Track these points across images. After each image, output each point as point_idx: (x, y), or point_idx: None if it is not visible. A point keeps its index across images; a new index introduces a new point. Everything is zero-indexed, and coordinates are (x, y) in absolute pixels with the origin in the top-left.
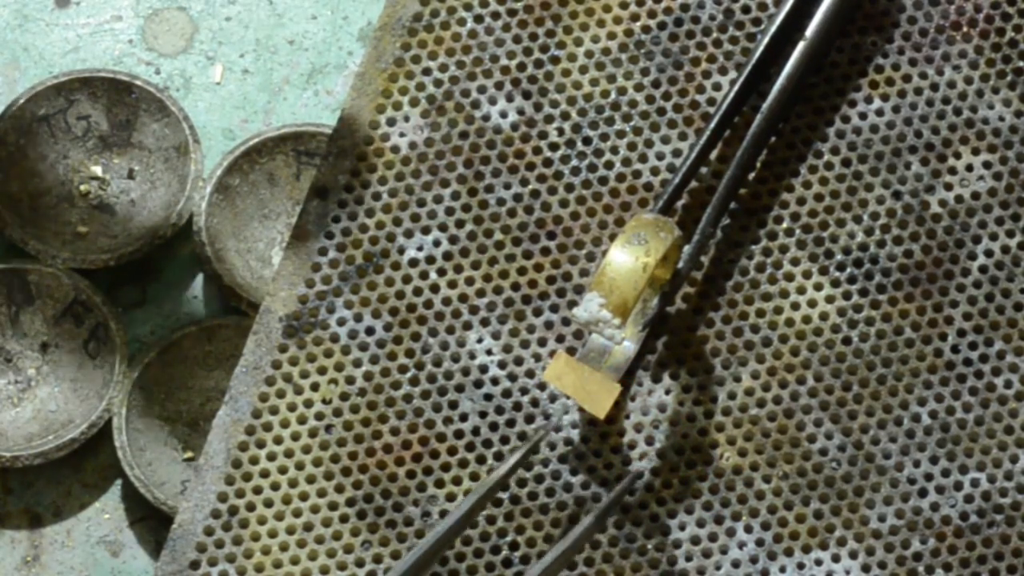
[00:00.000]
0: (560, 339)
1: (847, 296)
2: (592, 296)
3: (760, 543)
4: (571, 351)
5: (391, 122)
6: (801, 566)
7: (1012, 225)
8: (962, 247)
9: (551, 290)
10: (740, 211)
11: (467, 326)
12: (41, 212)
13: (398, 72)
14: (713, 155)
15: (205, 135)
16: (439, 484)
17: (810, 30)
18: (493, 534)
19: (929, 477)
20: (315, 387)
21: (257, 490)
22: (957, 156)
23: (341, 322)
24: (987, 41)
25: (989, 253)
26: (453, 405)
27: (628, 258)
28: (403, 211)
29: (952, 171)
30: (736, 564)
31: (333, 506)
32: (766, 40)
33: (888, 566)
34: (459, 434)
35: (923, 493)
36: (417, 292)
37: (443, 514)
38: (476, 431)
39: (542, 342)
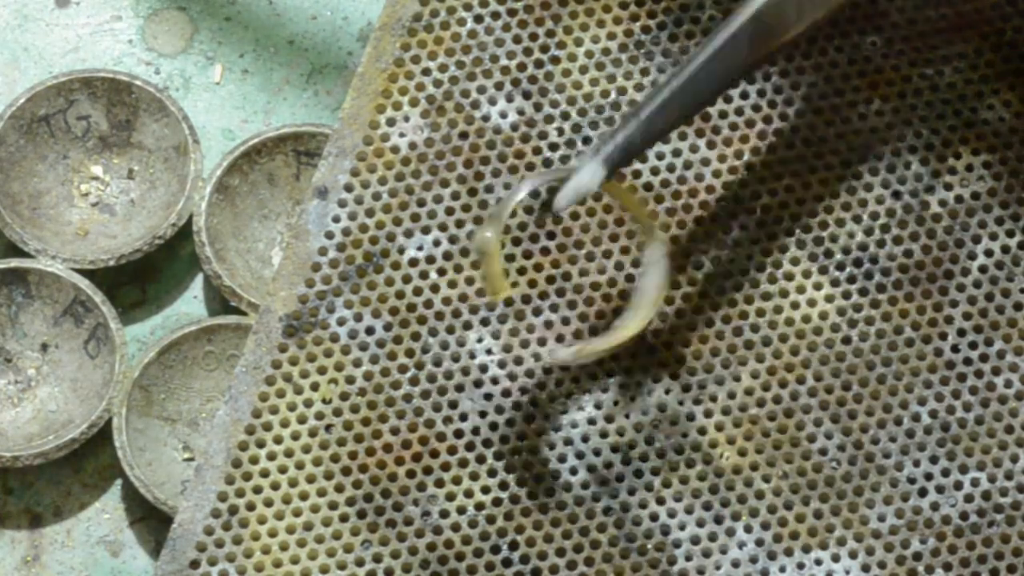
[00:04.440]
0: (560, 339)
1: (847, 296)
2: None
3: (760, 543)
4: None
5: (391, 122)
6: (801, 566)
7: (1012, 225)
8: (962, 247)
9: (551, 290)
10: (741, 211)
11: (467, 326)
12: (41, 212)
13: (398, 72)
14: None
15: (205, 135)
16: (439, 484)
17: None
18: (493, 534)
19: (929, 477)
20: (315, 387)
21: (257, 489)
22: (957, 156)
23: (341, 322)
24: (987, 41)
25: (989, 253)
26: (453, 405)
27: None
28: (403, 211)
29: (952, 171)
30: (736, 564)
31: (333, 505)
32: None
33: (888, 566)
34: (459, 434)
35: (923, 493)
36: (417, 292)
37: (443, 514)
38: (476, 431)
39: (542, 342)
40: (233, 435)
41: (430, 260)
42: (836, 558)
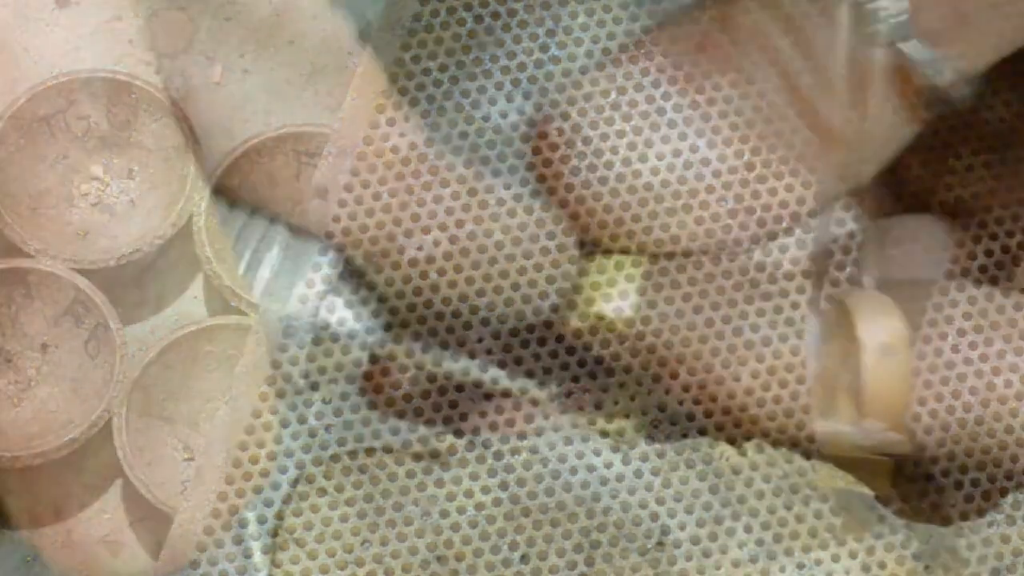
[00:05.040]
0: (559, 339)
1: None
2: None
3: (760, 543)
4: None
5: (391, 122)
6: (801, 566)
7: (1012, 225)
8: (962, 247)
9: (551, 290)
10: (740, 211)
11: (467, 326)
12: (41, 212)
13: (398, 72)
14: None
15: (205, 135)
16: (439, 484)
17: None
18: (493, 534)
19: (929, 477)
20: (315, 387)
21: (257, 490)
22: (957, 156)
23: (341, 322)
24: None
25: (989, 253)
26: (453, 405)
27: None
28: (403, 211)
29: (952, 171)
30: (736, 564)
31: (333, 505)
32: None
33: (888, 566)
34: (459, 434)
35: (923, 493)
36: (417, 292)
37: (443, 514)
38: (476, 431)
39: (542, 342)
40: (233, 435)
41: (430, 260)
42: (836, 558)
